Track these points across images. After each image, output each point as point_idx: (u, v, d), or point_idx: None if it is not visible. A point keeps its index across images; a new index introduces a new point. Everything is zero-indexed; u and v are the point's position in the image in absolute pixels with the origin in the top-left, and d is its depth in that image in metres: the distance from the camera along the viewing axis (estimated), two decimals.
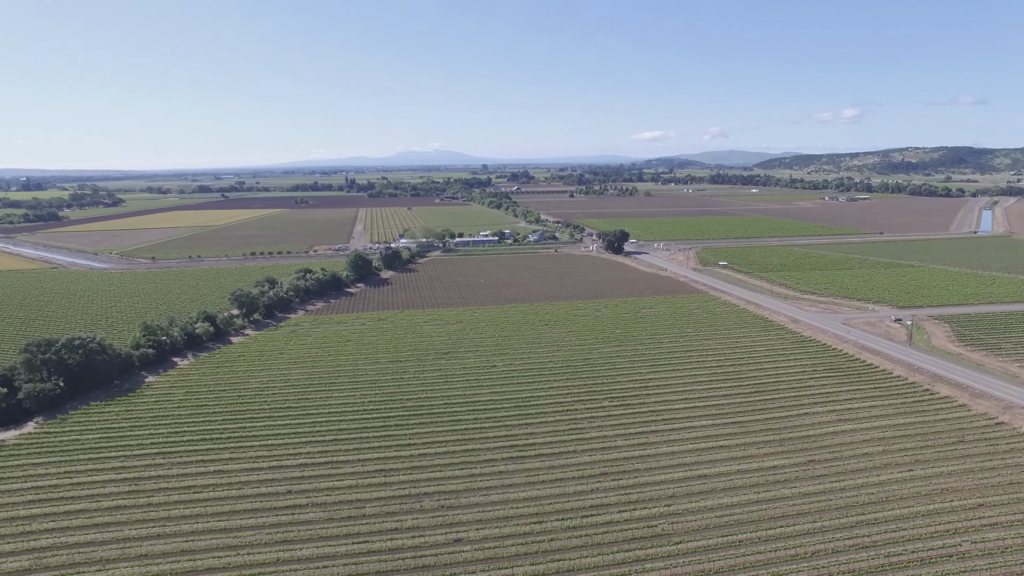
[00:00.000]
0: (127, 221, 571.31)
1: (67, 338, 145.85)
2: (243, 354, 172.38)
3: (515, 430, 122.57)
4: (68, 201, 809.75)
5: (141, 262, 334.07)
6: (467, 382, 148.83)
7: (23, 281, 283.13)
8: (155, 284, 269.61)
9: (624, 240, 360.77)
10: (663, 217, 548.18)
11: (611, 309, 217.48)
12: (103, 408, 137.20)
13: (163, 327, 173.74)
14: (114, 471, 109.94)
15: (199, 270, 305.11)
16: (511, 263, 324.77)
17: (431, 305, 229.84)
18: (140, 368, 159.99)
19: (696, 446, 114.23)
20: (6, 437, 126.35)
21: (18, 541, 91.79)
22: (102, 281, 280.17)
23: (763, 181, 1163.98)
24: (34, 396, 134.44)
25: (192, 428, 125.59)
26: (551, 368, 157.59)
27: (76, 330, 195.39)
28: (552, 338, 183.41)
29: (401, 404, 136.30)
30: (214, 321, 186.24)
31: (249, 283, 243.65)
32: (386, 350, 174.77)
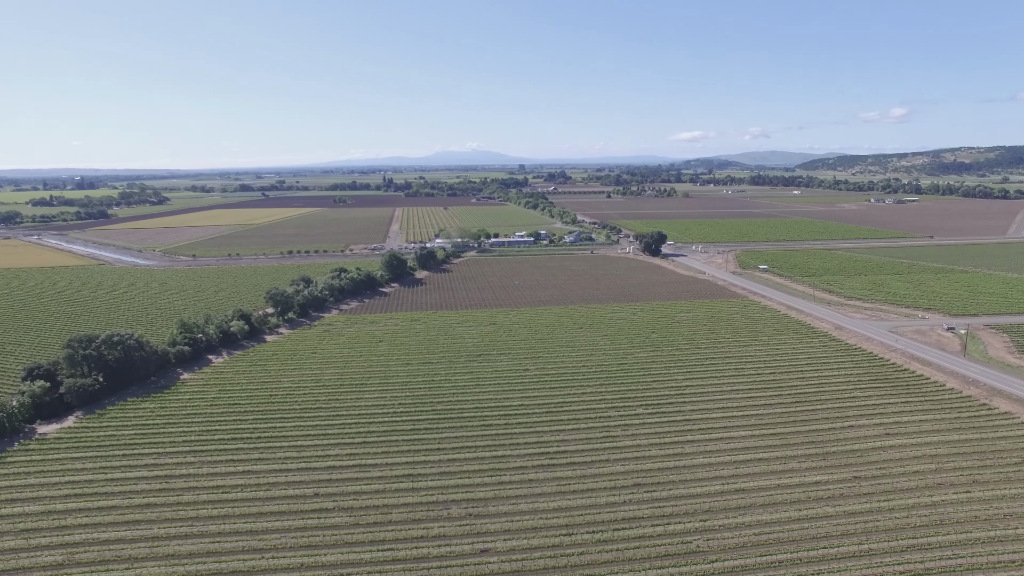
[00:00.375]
0: (171, 219, 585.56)
1: (107, 335, 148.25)
2: (276, 353, 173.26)
3: (546, 437, 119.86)
4: (117, 199, 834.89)
5: (182, 259, 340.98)
6: (499, 386, 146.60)
7: (72, 277, 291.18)
8: (194, 281, 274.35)
9: (661, 242, 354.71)
10: (701, 219, 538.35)
11: (647, 313, 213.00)
12: (139, 404, 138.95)
13: (199, 325, 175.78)
14: (147, 468, 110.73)
15: (237, 268, 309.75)
16: (546, 264, 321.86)
17: (465, 306, 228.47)
18: (176, 365, 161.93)
19: (734, 458, 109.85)
20: (48, 431, 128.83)
21: (53, 535, 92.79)
22: (144, 278, 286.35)
23: (805, 182, 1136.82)
24: (75, 391, 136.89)
25: (223, 427, 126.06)
26: (585, 373, 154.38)
27: (118, 326, 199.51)
28: (586, 342, 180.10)
29: (431, 407, 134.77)
30: (249, 319, 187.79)
31: (285, 282, 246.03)
32: (418, 351, 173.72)
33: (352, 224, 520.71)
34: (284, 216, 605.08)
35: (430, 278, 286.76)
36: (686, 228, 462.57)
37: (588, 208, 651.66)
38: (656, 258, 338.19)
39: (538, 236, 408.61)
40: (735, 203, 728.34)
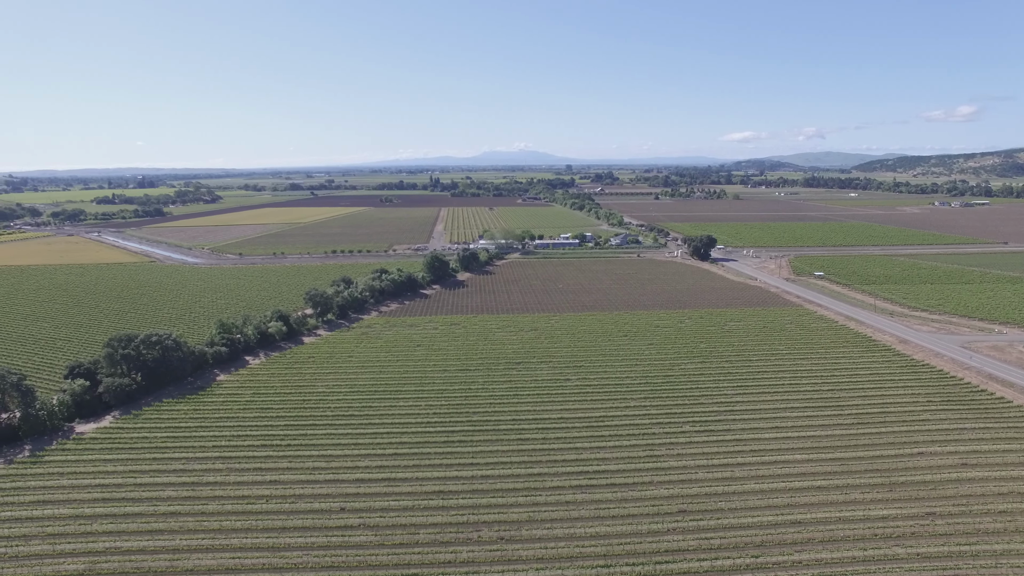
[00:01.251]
0: (222, 217, 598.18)
1: (145, 334, 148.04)
2: (313, 356, 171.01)
3: (586, 454, 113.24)
4: (173, 198, 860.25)
5: (229, 257, 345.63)
6: (538, 396, 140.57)
7: (124, 274, 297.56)
8: (238, 280, 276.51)
9: (711, 246, 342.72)
10: (753, 222, 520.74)
11: (695, 321, 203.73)
12: (174, 405, 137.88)
13: (237, 325, 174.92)
14: (175, 474, 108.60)
15: (281, 267, 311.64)
16: (591, 268, 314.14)
17: (506, 310, 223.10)
18: (213, 366, 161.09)
19: (789, 485, 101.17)
20: (85, 430, 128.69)
21: (78, 541, 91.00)
22: (191, 276, 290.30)
23: (863, 185, 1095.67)
24: (112, 390, 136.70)
25: (254, 432, 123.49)
26: (628, 384, 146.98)
27: (162, 324, 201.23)
28: (630, 351, 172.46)
29: (467, 417, 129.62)
30: (287, 320, 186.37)
31: (326, 282, 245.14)
32: (456, 357, 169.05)
33: (397, 224, 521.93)
34: (330, 215, 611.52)
35: (472, 280, 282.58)
36: (736, 231, 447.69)
37: (635, 210, 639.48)
38: (705, 263, 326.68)
39: (583, 238, 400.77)
40: (788, 206, 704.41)
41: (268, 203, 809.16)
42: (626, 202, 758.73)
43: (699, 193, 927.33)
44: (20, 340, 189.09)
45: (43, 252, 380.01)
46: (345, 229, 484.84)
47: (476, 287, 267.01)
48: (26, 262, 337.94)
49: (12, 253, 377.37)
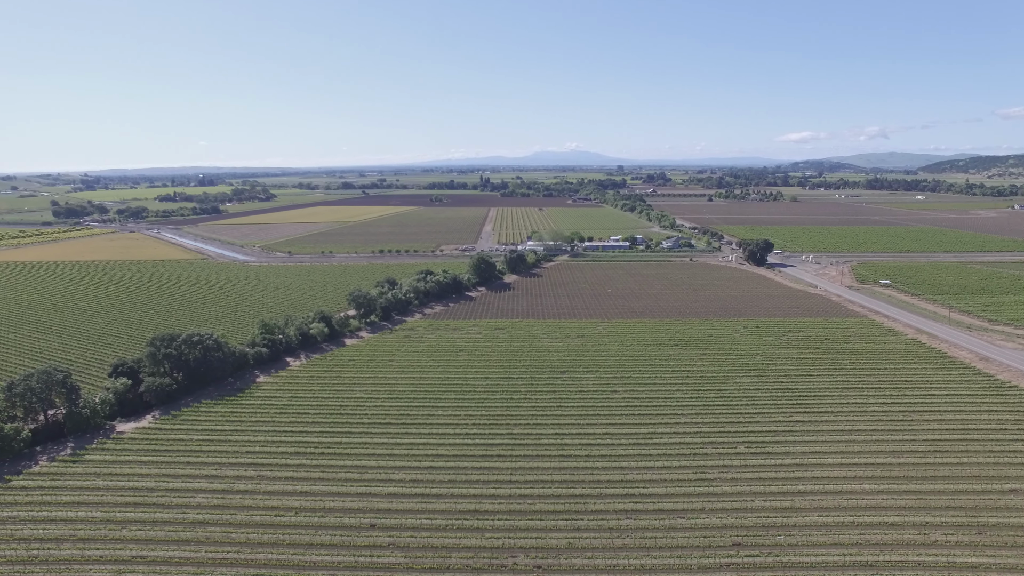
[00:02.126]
0: (274, 216, 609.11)
1: (187, 334, 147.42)
2: (353, 359, 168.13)
3: (632, 475, 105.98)
4: (230, 196, 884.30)
5: (278, 255, 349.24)
6: (582, 409, 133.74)
7: (177, 271, 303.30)
8: (285, 278, 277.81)
9: (767, 250, 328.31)
10: (812, 226, 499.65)
11: (751, 330, 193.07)
12: (212, 407, 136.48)
13: (279, 326, 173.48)
14: (207, 479, 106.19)
15: (327, 266, 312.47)
16: (641, 271, 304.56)
17: (552, 315, 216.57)
18: (254, 366, 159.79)
19: (857, 519, 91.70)
20: (125, 429, 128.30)
21: (107, 547, 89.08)
22: (241, 273, 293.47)
23: (931, 187, 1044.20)
24: (153, 390, 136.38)
25: (289, 438, 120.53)
26: (678, 399, 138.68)
27: (209, 322, 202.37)
28: (682, 361, 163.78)
29: (507, 430, 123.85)
30: (329, 322, 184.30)
31: (371, 282, 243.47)
32: (499, 364, 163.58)
33: (445, 224, 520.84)
34: (380, 214, 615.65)
35: (519, 283, 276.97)
36: (794, 235, 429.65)
37: (688, 212, 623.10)
38: (761, 268, 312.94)
39: (634, 241, 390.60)
40: (849, 209, 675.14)
41: (320, 201, 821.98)
42: (678, 204, 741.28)
43: (754, 195, 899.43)
44: (75, 335, 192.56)
45: (106, 248, 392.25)
46: (393, 229, 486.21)
47: (522, 290, 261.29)
48: (90, 257, 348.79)
49: (78, 249, 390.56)
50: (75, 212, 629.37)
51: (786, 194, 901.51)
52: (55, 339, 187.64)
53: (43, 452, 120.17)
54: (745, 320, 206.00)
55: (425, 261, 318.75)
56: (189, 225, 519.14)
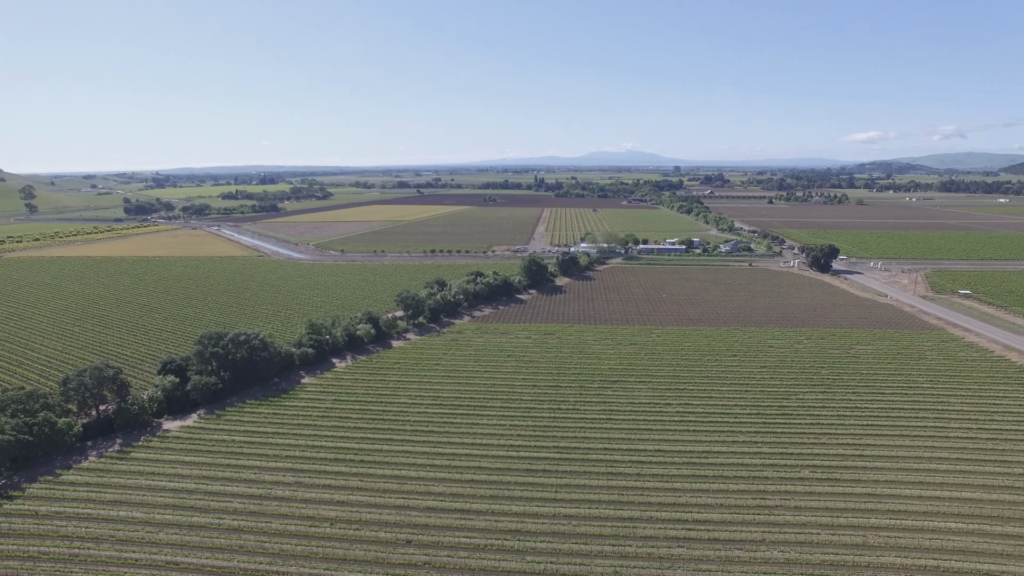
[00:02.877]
0: (330, 214, 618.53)
1: (234, 333, 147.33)
2: (399, 361, 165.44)
3: (686, 497, 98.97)
4: (288, 194, 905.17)
5: (331, 254, 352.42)
6: (634, 422, 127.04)
7: (233, 267, 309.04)
8: (336, 277, 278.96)
9: (832, 256, 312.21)
10: (880, 230, 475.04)
11: (815, 342, 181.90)
12: (256, 408, 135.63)
13: (326, 326, 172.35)
14: (246, 483, 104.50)
15: (379, 265, 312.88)
16: (698, 276, 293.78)
17: (605, 320, 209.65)
18: (300, 367, 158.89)
19: (942, 564, 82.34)
20: (171, 427, 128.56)
21: (144, 551, 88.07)
22: (293, 271, 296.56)
23: (1015, 189, 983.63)
24: (199, 389, 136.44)
25: (330, 443, 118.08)
26: (736, 414, 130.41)
27: (259, 320, 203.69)
28: (740, 374, 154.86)
29: (554, 443, 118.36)
30: (377, 323, 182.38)
31: (421, 282, 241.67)
32: (548, 371, 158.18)
33: (498, 224, 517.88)
34: (434, 214, 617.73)
35: (571, 286, 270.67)
36: (861, 240, 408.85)
37: (747, 214, 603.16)
38: (825, 274, 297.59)
39: (691, 244, 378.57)
40: (922, 212, 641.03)
41: (375, 200, 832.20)
42: (737, 206, 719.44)
43: (817, 197, 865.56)
44: (133, 329, 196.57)
45: (168, 244, 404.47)
46: (446, 228, 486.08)
47: (574, 293, 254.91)
48: (153, 253, 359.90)
49: (143, 244, 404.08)
50: (144, 209, 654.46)
51: (851, 196, 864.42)
52: (114, 333, 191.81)
53: (93, 447, 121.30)
54: (808, 330, 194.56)
55: (476, 262, 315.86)
56: (248, 222, 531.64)
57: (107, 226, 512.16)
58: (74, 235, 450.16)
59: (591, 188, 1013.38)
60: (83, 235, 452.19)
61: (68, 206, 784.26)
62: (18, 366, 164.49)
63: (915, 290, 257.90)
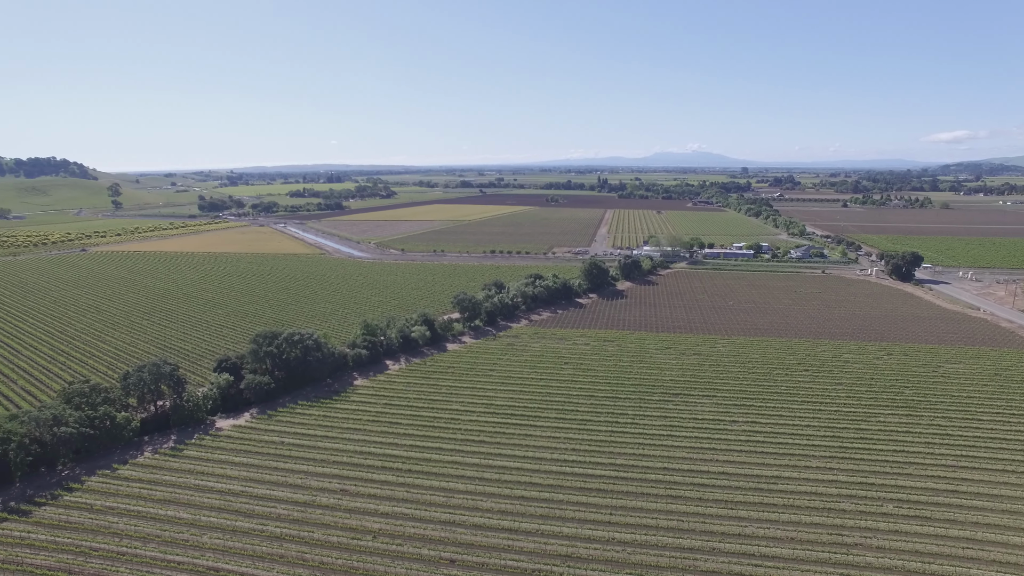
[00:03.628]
0: (392, 212, 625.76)
1: (288, 333, 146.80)
2: (453, 366, 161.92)
3: (752, 528, 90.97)
4: (353, 192, 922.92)
5: (392, 253, 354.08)
6: (696, 440, 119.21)
7: (295, 265, 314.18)
8: (394, 276, 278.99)
9: (915, 264, 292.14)
10: (968, 236, 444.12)
11: (896, 358, 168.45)
12: (307, 409, 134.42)
13: (381, 327, 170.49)
14: (291, 488, 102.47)
15: (437, 265, 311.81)
16: (767, 283, 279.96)
17: (667, 328, 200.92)
18: (353, 368, 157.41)
19: None
20: (224, 426, 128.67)
21: (187, 554, 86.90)
22: (354, 270, 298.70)
23: None
24: (252, 388, 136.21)
25: (378, 450, 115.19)
26: (809, 436, 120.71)
27: (316, 318, 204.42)
28: (813, 390, 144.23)
29: (610, 459, 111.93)
30: (432, 325, 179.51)
31: (479, 283, 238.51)
32: (606, 380, 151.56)
33: (559, 225, 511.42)
34: (495, 214, 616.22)
35: (632, 290, 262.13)
36: (947, 247, 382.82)
37: (819, 218, 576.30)
38: (907, 284, 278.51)
39: (759, 248, 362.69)
40: (1018, 217, 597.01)
41: (438, 199, 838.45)
42: (809, 209, 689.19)
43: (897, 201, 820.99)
44: (196, 324, 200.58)
45: (236, 240, 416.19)
46: (507, 228, 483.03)
47: (636, 298, 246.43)
48: (221, 249, 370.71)
49: (213, 241, 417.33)
50: (216, 206, 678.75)
51: (935, 200, 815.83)
52: (178, 328, 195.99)
53: (149, 442, 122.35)
54: (889, 345, 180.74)
55: (536, 263, 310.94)
56: (313, 220, 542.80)
57: (181, 222, 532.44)
58: (151, 231, 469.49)
59: (655, 189, 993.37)
60: (159, 231, 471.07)
61: (149, 203, 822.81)
62: (89, 357, 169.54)
63: (1013, 303, 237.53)
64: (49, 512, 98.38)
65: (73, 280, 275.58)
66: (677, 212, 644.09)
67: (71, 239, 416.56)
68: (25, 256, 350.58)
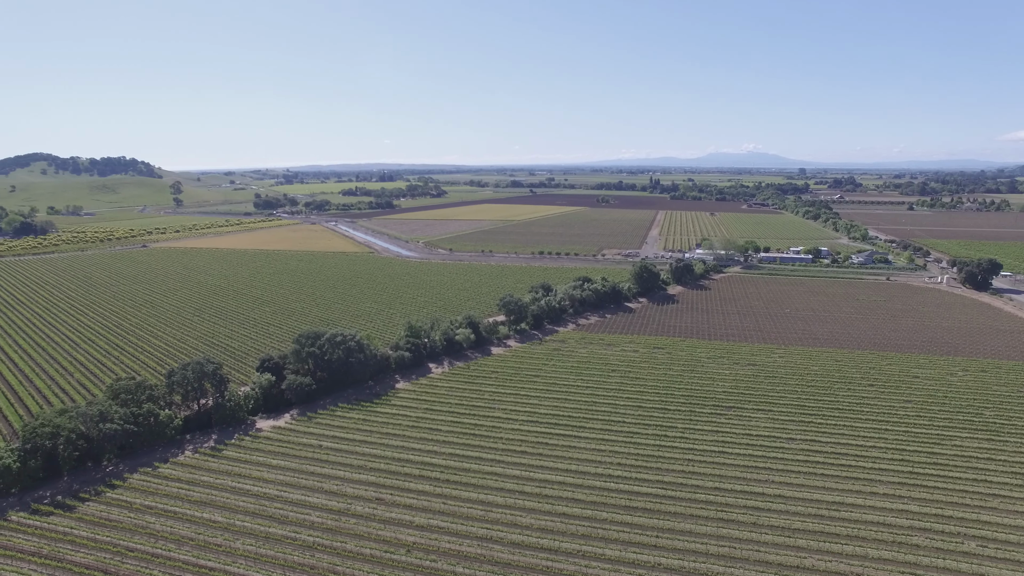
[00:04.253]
0: (442, 212, 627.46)
1: (331, 334, 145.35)
2: (497, 371, 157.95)
3: (812, 559, 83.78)
4: (404, 191, 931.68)
5: (440, 252, 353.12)
6: (750, 458, 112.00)
7: (343, 263, 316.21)
8: (441, 276, 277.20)
9: (993, 272, 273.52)
10: None
11: (974, 375, 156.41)
12: (347, 412, 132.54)
13: (425, 329, 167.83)
14: (326, 495, 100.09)
15: (485, 265, 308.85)
16: (826, 290, 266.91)
17: (720, 336, 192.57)
18: (396, 370, 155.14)
19: None
20: (264, 426, 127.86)
21: (221, 559, 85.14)
22: (401, 269, 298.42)
23: None
24: (293, 388, 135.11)
25: (416, 457, 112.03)
26: (875, 458, 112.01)
27: (361, 317, 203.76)
28: (879, 408, 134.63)
29: (658, 476, 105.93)
30: (477, 328, 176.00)
31: (526, 285, 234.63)
32: (655, 390, 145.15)
33: (610, 226, 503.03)
34: (545, 214, 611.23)
35: (684, 295, 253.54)
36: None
37: (883, 222, 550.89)
38: (983, 293, 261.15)
39: (818, 253, 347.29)
40: None
41: (488, 199, 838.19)
42: (871, 212, 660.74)
43: (969, 203, 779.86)
44: (244, 322, 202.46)
45: (288, 238, 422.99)
46: (556, 229, 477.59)
47: (688, 304, 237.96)
48: (273, 247, 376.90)
49: (265, 238, 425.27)
50: (271, 204, 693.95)
51: (1013, 203, 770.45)
52: (226, 325, 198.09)
53: (191, 441, 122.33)
54: (964, 360, 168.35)
55: (585, 266, 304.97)
56: (363, 219, 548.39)
57: (236, 220, 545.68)
58: (208, 227, 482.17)
59: (708, 190, 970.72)
60: (215, 227, 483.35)
61: (207, 200, 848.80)
62: (140, 352, 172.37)
63: None
64: (92, 508, 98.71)
65: (132, 275, 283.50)
66: (731, 214, 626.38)
67: (133, 235, 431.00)
68: (92, 251, 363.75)
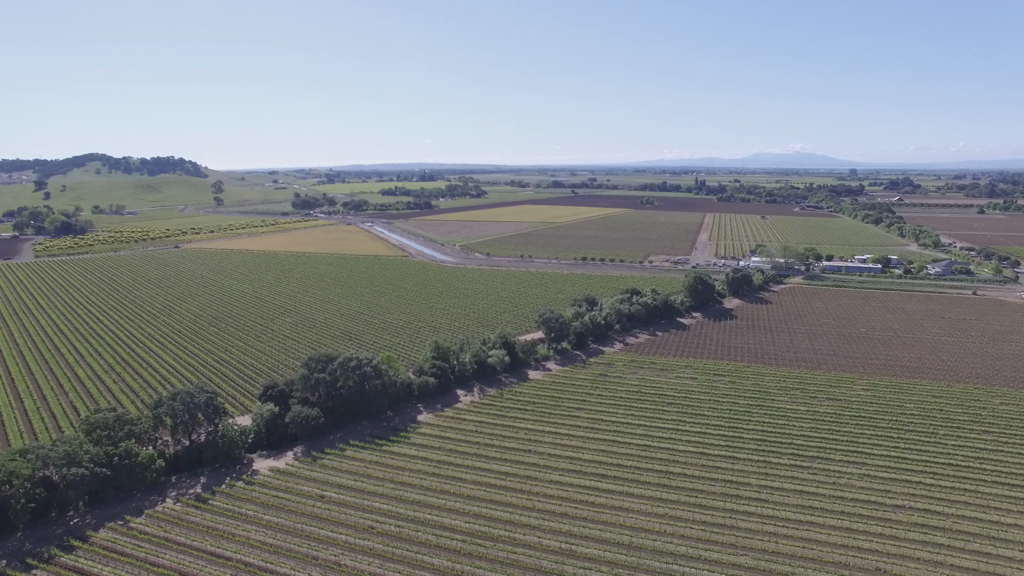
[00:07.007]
0: (481, 213, 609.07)
1: (344, 357, 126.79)
2: (534, 401, 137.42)
3: None
4: (444, 191, 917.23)
5: (476, 257, 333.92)
6: (850, 534, 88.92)
7: (375, 268, 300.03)
8: (477, 284, 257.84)
9: None
10: None
11: None
12: (358, 451, 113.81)
13: (454, 351, 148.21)
14: (320, 568, 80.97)
15: (523, 272, 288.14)
16: (903, 306, 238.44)
17: (789, 361, 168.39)
18: (419, 398, 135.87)
19: None
20: (261, 467, 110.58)
21: None
22: (434, 275, 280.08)
23: None
24: (298, 422, 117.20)
25: (434, 517, 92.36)
26: (1012, 536, 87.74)
27: (386, 332, 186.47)
28: (1005, 462, 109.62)
29: (731, 554, 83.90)
30: (512, 349, 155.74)
31: (567, 296, 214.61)
32: (719, 428, 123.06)
33: (656, 230, 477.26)
34: (587, 216, 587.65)
35: (742, 309, 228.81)
36: None
37: (951, 226, 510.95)
38: None
39: (887, 262, 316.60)
40: None
41: (528, 200, 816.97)
42: (936, 216, 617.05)
43: None
44: (261, 334, 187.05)
45: (321, 240, 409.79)
46: (599, 232, 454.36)
47: (747, 320, 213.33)
48: (304, 249, 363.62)
49: (298, 239, 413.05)
50: (309, 203, 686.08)
51: None
52: (241, 337, 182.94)
53: (175, 484, 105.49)
54: None
55: (631, 273, 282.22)
56: (400, 220, 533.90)
57: (272, 220, 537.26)
58: (243, 228, 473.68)
59: (757, 192, 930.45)
60: (250, 228, 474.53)
61: (247, 199, 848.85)
62: (145, 368, 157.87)
63: None
64: None
65: (157, 279, 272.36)
66: (783, 217, 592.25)
67: (168, 235, 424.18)
68: (124, 252, 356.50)
